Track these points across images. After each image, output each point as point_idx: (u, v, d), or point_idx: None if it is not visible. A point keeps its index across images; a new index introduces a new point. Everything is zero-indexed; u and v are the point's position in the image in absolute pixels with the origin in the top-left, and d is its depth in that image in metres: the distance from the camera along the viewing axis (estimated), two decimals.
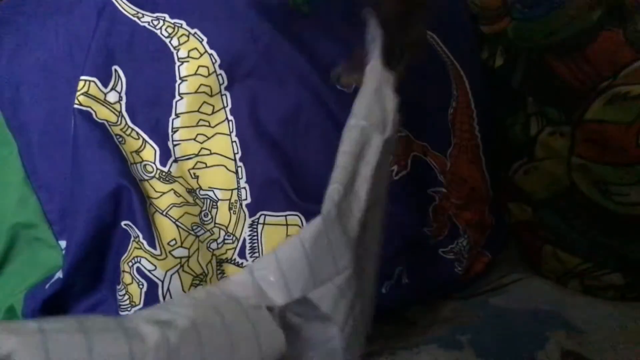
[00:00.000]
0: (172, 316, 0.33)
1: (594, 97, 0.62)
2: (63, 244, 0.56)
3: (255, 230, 0.59)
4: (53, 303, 0.54)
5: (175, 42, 0.61)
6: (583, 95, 0.63)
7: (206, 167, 0.61)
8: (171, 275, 0.54)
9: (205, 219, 0.60)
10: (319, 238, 0.40)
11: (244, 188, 0.60)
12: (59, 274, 0.55)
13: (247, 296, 0.38)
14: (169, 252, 0.55)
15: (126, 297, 0.54)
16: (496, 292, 0.63)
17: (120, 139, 0.58)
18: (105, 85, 0.60)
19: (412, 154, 0.65)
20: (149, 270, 0.53)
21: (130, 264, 0.54)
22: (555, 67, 0.66)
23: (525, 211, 0.71)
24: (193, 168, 0.60)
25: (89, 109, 0.58)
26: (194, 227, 0.58)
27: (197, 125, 0.61)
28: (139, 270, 0.54)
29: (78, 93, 0.58)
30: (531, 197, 0.70)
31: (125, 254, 0.54)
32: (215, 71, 0.61)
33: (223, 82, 0.62)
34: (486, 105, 0.71)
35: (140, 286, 0.53)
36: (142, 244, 0.54)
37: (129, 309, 0.53)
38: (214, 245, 0.59)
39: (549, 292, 0.60)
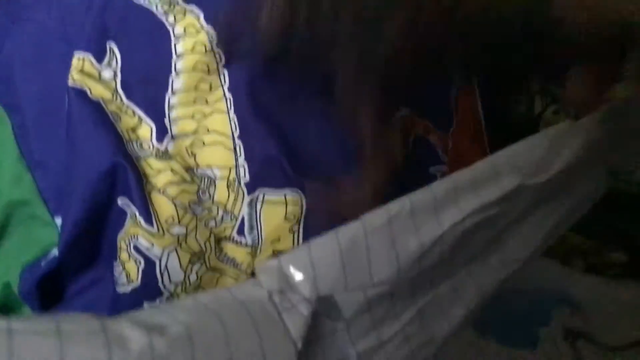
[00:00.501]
0: (167, 320, 0.30)
1: None
2: (59, 221, 0.56)
3: (254, 208, 0.58)
4: (49, 280, 0.54)
5: (171, 18, 0.60)
6: None
7: (204, 145, 0.60)
8: (169, 253, 0.53)
9: (203, 197, 0.59)
10: (357, 241, 0.38)
11: (243, 166, 0.59)
12: (55, 252, 0.54)
13: (272, 287, 0.36)
14: (166, 229, 0.54)
15: (123, 274, 0.53)
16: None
17: (115, 117, 0.58)
18: (100, 62, 0.59)
19: (414, 132, 0.64)
20: (146, 248, 0.53)
21: (127, 241, 0.53)
22: None
23: None
24: (190, 146, 0.60)
25: (83, 86, 0.57)
26: (192, 205, 0.57)
27: (194, 103, 0.60)
28: (135, 247, 0.53)
29: (72, 70, 0.57)
30: None
31: (122, 231, 0.54)
32: (212, 49, 0.60)
33: (221, 60, 0.61)
34: (489, 84, 0.70)
35: (138, 263, 0.53)
36: (139, 221, 0.53)
37: (126, 285, 0.53)
38: (212, 224, 0.58)
39: (553, 271, 0.59)
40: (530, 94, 0.68)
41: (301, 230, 0.58)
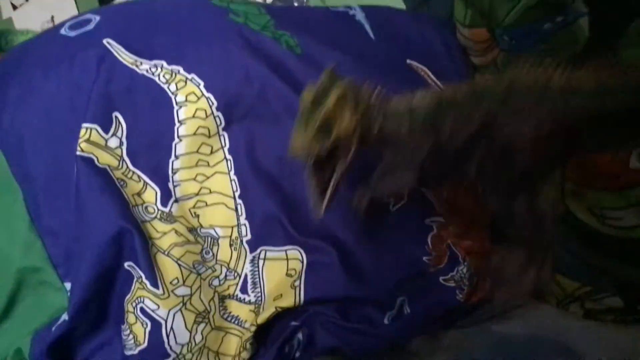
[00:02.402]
0: None
1: None
2: (68, 286, 0.58)
3: (256, 265, 0.60)
4: (60, 345, 0.56)
5: (173, 87, 0.64)
6: None
7: (206, 205, 0.62)
8: (174, 314, 0.55)
9: (207, 256, 0.61)
10: None
11: (244, 225, 0.61)
12: (65, 316, 0.56)
13: None
14: (172, 291, 0.56)
15: (131, 336, 0.55)
16: (498, 319, 0.63)
17: (121, 183, 0.60)
18: (106, 132, 0.62)
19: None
20: (152, 310, 0.55)
21: (134, 304, 0.55)
22: None
23: None
24: (194, 207, 0.62)
25: (90, 155, 0.60)
26: (196, 265, 0.59)
27: (196, 166, 0.63)
28: (142, 310, 0.55)
29: (80, 140, 0.60)
30: None
31: (129, 295, 0.56)
32: (212, 113, 0.63)
33: (220, 123, 0.64)
34: None
35: (144, 326, 0.55)
36: (145, 284, 0.55)
37: (133, 348, 0.54)
38: (215, 282, 0.60)
39: (551, 317, 0.60)
40: None
41: (302, 285, 0.60)
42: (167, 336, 0.54)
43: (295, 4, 1.06)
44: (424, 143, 0.50)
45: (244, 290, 0.60)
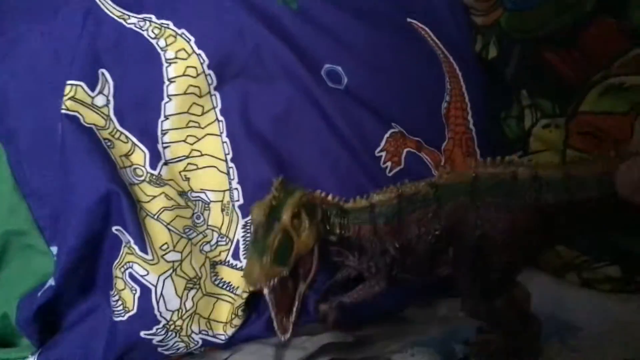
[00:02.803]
0: None
1: (588, 89, 0.61)
2: (55, 250, 0.56)
3: (248, 231, 0.58)
4: (47, 310, 0.54)
5: (162, 43, 0.61)
6: (577, 87, 0.62)
7: (197, 168, 0.60)
8: (164, 280, 0.54)
9: (198, 221, 0.59)
10: None
11: (236, 189, 0.59)
12: (52, 281, 0.54)
13: None
14: (161, 256, 0.54)
15: (120, 302, 0.53)
16: None
17: (109, 143, 0.58)
18: (93, 89, 0.59)
19: (405, 149, 0.64)
20: (142, 276, 0.53)
21: (122, 269, 0.54)
22: (548, 59, 0.65)
23: None
24: (184, 170, 0.60)
25: (76, 114, 0.57)
26: (186, 230, 0.57)
27: (186, 127, 0.61)
28: (131, 275, 0.53)
29: (65, 98, 0.58)
30: None
31: (117, 260, 0.54)
32: (204, 71, 0.61)
33: (212, 82, 0.61)
34: (480, 99, 0.70)
35: (133, 292, 0.53)
36: (134, 249, 0.53)
37: (122, 314, 0.53)
38: (207, 248, 0.59)
39: (548, 287, 0.59)
40: (520, 107, 0.68)
41: None
42: (157, 302, 0.53)
43: None
44: (389, 243, 0.48)
45: (235, 256, 0.58)
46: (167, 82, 0.60)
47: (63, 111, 0.57)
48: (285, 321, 0.45)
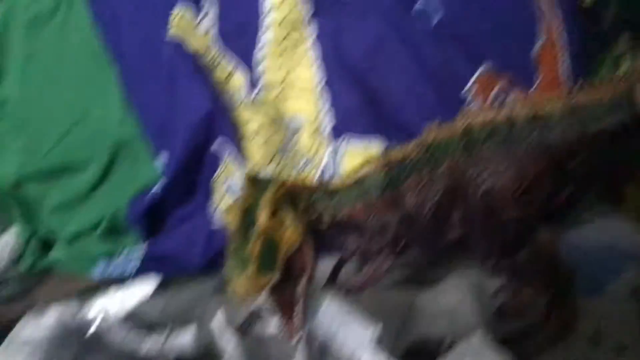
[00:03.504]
0: None
1: None
2: (160, 161, 0.61)
3: (336, 155, 0.61)
4: (152, 212, 0.60)
5: None
6: None
7: (291, 94, 0.63)
8: None
9: (288, 145, 0.62)
10: None
11: (327, 114, 0.62)
12: (156, 189, 0.60)
13: None
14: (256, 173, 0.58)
15: (217, 212, 0.58)
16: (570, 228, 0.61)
17: (210, 69, 0.62)
18: (197, 16, 0.63)
19: (494, 90, 0.64)
20: (240, 188, 0.57)
21: (222, 181, 0.58)
22: None
23: None
24: (278, 95, 0.63)
25: (180, 40, 0.62)
26: (279, 152, 0.61)
27: (282, 55, 0.63)
28: (229, 188, 0.58)
29: (171, 24, 0.62)
30: None
31: (217, 172, 0.59)
32: (300, 1, 0.63)
33: (309, 12, 0.63)
34: (576, 43, 0.69)
35: None
36: (234, 163, 0.58)
37: (220, 223, 0.58)
38: (294, 171, 0.62)
39: (628, 230, 0.58)
40: (617, 54, 0.66)
41: None
42: None
43: None
44: (388, 216, 0.44)
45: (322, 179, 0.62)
46: (266, 11, 0.62)
47: (169, 37, 0.61)
48: (291, 323, 0.43)
